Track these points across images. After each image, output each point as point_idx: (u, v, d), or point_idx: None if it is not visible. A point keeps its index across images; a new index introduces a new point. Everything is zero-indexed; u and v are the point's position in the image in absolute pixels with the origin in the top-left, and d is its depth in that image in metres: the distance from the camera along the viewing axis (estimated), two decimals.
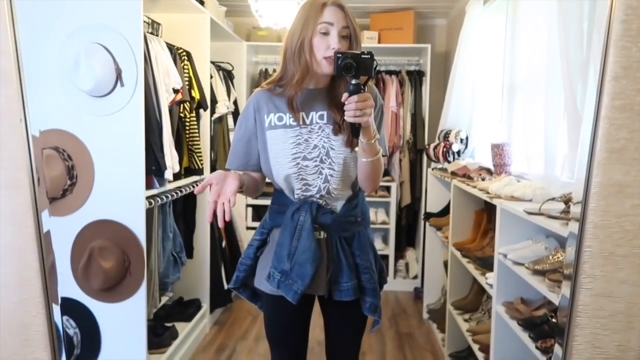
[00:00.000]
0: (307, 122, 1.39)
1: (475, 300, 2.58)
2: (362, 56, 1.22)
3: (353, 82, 1.21)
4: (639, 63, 0.61)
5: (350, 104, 1.20)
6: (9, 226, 0.67)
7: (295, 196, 1.41)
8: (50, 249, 0.71)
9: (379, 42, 3.84)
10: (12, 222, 0.66)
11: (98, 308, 2.05)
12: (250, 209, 3.97)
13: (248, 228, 3.89)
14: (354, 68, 1.21)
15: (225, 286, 3.21)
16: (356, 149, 1.35)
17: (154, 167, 2.18)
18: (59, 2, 1.90)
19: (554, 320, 1.62)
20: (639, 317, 0.68)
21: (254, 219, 3.95)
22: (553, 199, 1.67)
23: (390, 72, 3.97)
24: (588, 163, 0.64)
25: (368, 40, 3.81)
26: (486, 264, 2.20)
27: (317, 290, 1.40)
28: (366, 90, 1.23)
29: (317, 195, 1.39)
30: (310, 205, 1.38)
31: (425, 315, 3.33)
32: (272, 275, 1.39)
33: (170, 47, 2.56)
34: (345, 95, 1.22)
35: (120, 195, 2.00)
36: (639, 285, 0.67)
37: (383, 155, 1.39)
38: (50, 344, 0.73)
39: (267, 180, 1.51)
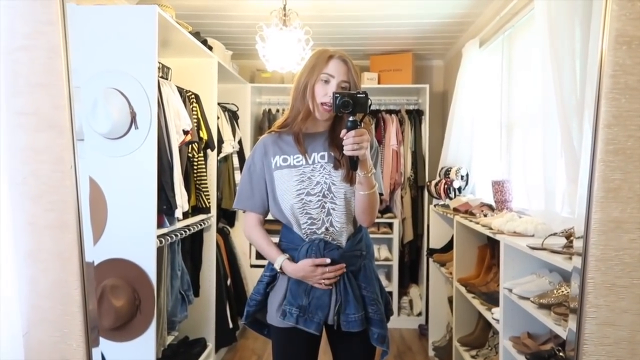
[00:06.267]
0: (310, 161, 1.49)
1: (481, 336, 2.58)
2: (358, 95, 1.35)
3: (350, 119, 1.33)
4: (628, 112, 0.69)
5: (349, 138, 1.31)
6: (56, 264, 0.72)
7: (302, 231, 1.48)
8: (92, 279, 0.76)
9: (379, 82, 3.97)
10: (59, 260, 0.72)
11: (107, 347, 2.06)
12: (254, 247, 4.00)
13: (252, 266, 3.91)
14: (351, 105, 1.33)
15: (231, 325, 3.21)
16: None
17: (165, 206, 2.23)
18: (78, 49, 2.01)
19: (561, 354, 1.64)
20: None
21: (257, 257, 3.97)
22: (555, 234, 1.72)
23: (390, 112, 4.08)
24: (587, 202, 0.71)
25: (368, 81, 3.93)
26: (491, 299, 2.22)
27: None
28: (362, 126, 1.34)
29: (323, 229, 1.47)
30: (317, 245, 1.45)
31: (431, 353, 3.32)
32: (288, 312, 1.43)
33: (180, 90, 2.66)
34: (343, 131, 1.33)
35: (132, 234, 2.04)
36: None
37: (380, 194, 1.48)
38: None
39: (271, 217, 1.59)
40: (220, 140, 3.27)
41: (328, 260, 1.44)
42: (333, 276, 1.44)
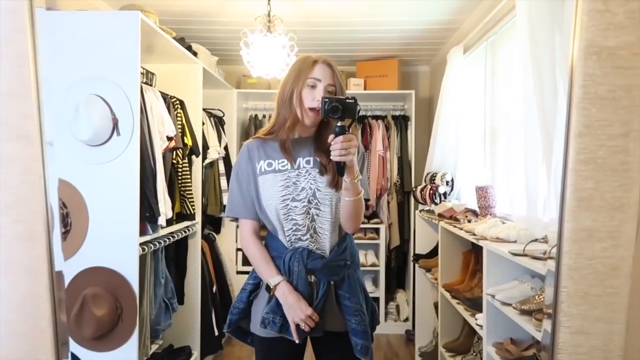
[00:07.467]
0: (295, 166, 1.48)
1: (466, 341, 2.59)
2: (347, 101, 1.34)
3: (339, 124, 1.32)
4: (598, 122, 0.70)
5: (337, 144, 1.30)
6: (25, 276, 0.70)
7: (287, 238, 1.47)
8: (62, 290, 0.75)
9: (365, 88, 3.98)
10: (28, 273, 0.70)
11: (88, 357, 2.03)
12: (240, 253, 3.97)
13: (238, 272, 3.88)
14: (340, 110, 1.32)
15: (216, 332, 3.18)
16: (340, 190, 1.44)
17: (148, 213, 2.21)
18: (60, 56, 1.99)
19: None
20: (615, 353, 0.73)
21: (244, 263, 3.95)
22: (536, 240, 1.73)
23: (376, 117, 4.10)
24: (560, 210, 0.71)
25: (354, 87, 3.95)
26: (476, 305, 2.23)
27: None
28: (350, 131, 1.33)
29: (307, 236, 1.45)
30: (301, 254, 1.44)
31: (418, 359, 3.32)
32: (272, 321, 1.42)
33: (164, 96, 2.64)
34: (331, 136, 1.33)
35: (114, 242, 2.02)
36: (614, 323, 0.73)
37: (366, 199, 1.47)
38: None
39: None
40: (206, 146, 3.26)
41: (317, 319, 1.42)
42: (312, 324, 1.41)
